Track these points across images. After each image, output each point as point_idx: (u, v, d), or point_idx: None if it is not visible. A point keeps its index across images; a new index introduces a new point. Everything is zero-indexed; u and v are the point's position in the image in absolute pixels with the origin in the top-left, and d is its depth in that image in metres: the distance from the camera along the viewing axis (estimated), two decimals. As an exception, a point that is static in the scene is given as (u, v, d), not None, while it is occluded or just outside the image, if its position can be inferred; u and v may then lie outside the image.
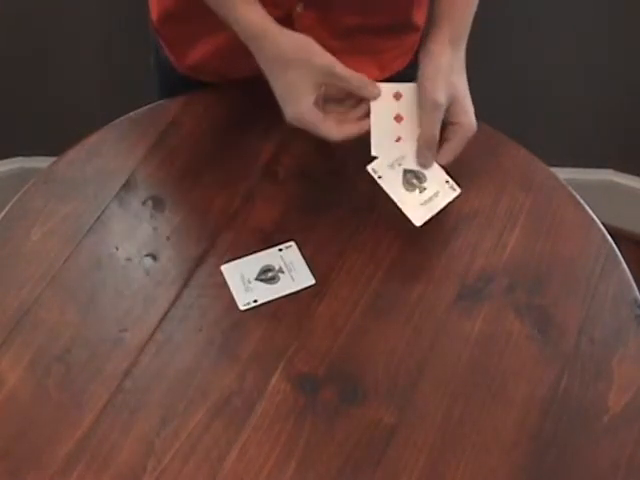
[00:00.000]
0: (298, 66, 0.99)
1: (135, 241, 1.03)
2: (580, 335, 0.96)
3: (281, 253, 1.01)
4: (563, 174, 1.14)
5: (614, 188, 2.01)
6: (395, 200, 1.01)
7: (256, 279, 0.99)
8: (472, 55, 1.07)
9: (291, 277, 0.99)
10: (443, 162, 1.02)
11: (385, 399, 0.91)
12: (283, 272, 1.00)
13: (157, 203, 1.06)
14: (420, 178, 1.02)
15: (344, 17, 1.10)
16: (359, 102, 1.02)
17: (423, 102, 1.00)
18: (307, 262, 1.00)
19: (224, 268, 1.00)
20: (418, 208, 1.01)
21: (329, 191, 1.07)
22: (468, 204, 1.06)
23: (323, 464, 0.86)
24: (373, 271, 1.00)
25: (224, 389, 0.91)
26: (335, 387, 0.91)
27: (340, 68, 0.99)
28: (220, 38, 1.09)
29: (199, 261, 1.01)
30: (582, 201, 1.08)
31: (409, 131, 1.02)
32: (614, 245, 1.04)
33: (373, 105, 1.02)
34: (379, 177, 1.01)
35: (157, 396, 0.91)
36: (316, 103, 1.00)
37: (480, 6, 1.08)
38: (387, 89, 1.02)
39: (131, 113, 1.16)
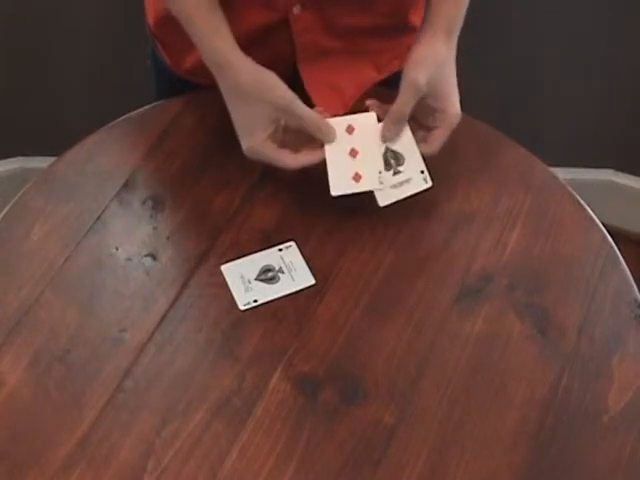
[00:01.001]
0: (256, 100, 1.00)
1: (135, 241, 1.03)
2: (580, 335, 0.96)
3: (281, 253, 1.01)
4: (563, 174, 1.14)
5: (614, 188, 2.01)
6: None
7: (256, 279, 0.99)
8: (472, 55, 1.08)
9: (291, 277, 0.99)
10: (431, 149, 1.03)
11: (385, 399, 0.91)
12: (283, 272, 1.00)
13: (157, 203, 1.06)
14: (399, 160, 1.02)
15: (341, 18, 1.10)
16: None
17: (403, 82, 1.01)
18: (307, 262, 1.00)
19: (224, 268, 1.00)
20: (386, 189, 1.02)
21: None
22: (468, 204, 1.06)
23: (323, 464, 0.86)
24: (373, 271, 1.00)
25: (224, 389, 0.91)
26: (335, 387, 0.91)
27: (297, 106, 1.00)
28: None
29: (199, 261, 1.01)
30: (582, 201, 1.08)
31: (366, 164, 1.02)
32: (614, 245, 1.04)
33: (327, 143, 1.02)
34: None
35: (157, 396, 0.91)
36: (273, 133, 1.00)
37: (480, 6, 1.08)
38: (339, 124, 1.02)
39: (131, 113, 1.16)
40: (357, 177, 1.01)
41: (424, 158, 1.03)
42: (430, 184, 1.03)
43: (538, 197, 1.08)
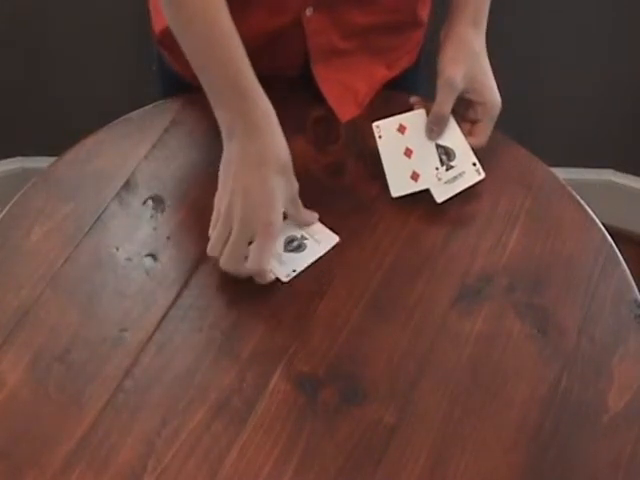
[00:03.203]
0: (289, 176, 0.98)
1: (135, 241, 1.03)
2: (580, 335, 0.96)
3: None
4: (563, 174, 1.14)
5: (614, 188, 2.02)
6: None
7: (285, 251, 1.00)
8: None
9: (315, 241, 1.00)
10: (479, 141, 1.04)
11: (385, 399, 0.91)
12: (307, 238, 1.01)
13: (157, 203, 1.06)
14: (450, 155, 1.03)
15: (353, 17, 1.10)
16: None
17: (440, 82, 1.02)
18: (323, 223, 1.02)
19: None
20: (441, 185, 1.02)
21: (329, 191, 1.07)
22: (468, 204, 1.06)
23: (323, 464, 0.86)
24: (373, 271, 1.01)
25: (224, 389, 0.91)
26: (335, 387, 0.91)
27: (298, 199, 0.99)
28: None
29: (199, 261, 1.01)
30: (582, 201, 1.08)
31: (421, 162, 1.02)
32: (614, 245, 1.04)
33: (381, 145, 1.02)
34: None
35: (157, 396, 0.91)
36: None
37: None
38: (389, 124, 1.02)
39: (131, 113, 1.16)
40: (415, 176, 1.02)
41: (473, 150, 1.03)
42: (483, 175, 1.04)
43: (538, 197, 1.08)
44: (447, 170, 1.03)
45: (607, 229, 1.06)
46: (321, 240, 1.01)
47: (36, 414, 0.89)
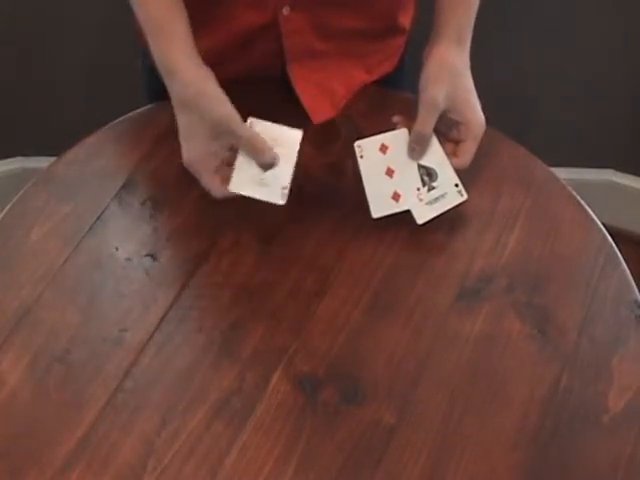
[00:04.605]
0: (196, 111, 0.98)
1: (135, 241, 1.03)
2: (580, 335, 0.96)
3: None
4: (563, 174, 1.14)
5: (614, 188, 2.02)
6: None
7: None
8: (472, 54, 1.07)
9: (282, 146, 0.99)
10: (462, 162, 1.02)
11: (385, 399, 0.91)
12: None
13: (157, 203, 1.06)
14: (432, 175, 1.02)
15: (331, 19, 1.10)
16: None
17: (421, 101, 1.00)
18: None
19: None
20: (422, 206, 1.01)
21: (329, 191, 1.07)
22: (468, 204, 1.06)
23: (323, 464, 0.86)
24: (373, 271, 1.01)
25: (224, 389, 0.91)
26: (335, 387, 0.91)
27: (235, 124, 0.98)
28: (205, 42, 1.08)
29: (199, 261, 1.01)
30: (582, 201, 1.08)
31: (403, 183, 1.02)
32: (614, 245, 1.04)
33: (362, 165, 1.01)
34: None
35: (157, 396, 0.91)
36: (214, 156, 0.99)
37: (481, 5, 1.08)
38: (371, 144, 1.01)
39: (131, 113, 1.16)
40: (396, 196, 1.01)
41: (456, 171, 1.02)
42: (466, 197, 1.02)
43: (538, 197, 1.08)
44: (429, 191, 1.02)
45: (607, 229, 1.05)
46: (284, 142, 0.99)
47: (36, 414, 0.89)
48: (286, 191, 0.99)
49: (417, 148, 1.01)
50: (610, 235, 1.05)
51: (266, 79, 1.04)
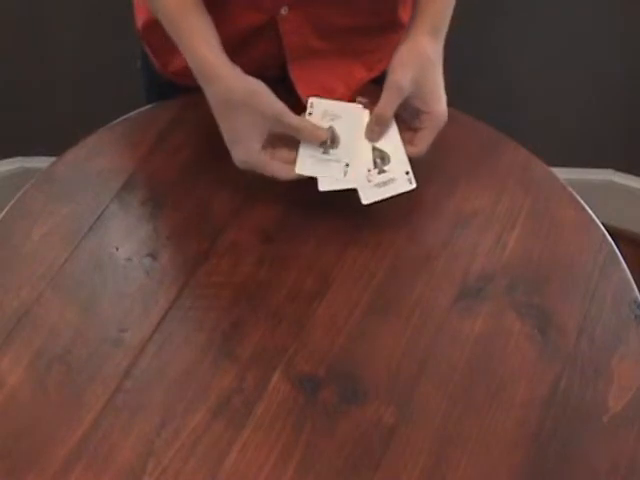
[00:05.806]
0: (247, 112, 0.98)
1: (135, 241, 1.03)
2: (580, 335, 0.96)
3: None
4: (563, 174, 1.14)
5: (614, 188, 2.02)
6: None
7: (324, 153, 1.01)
8: (472, 54, 1.07)
9: (344, 120, 1.00)
10: (417, 150, 1.02)
11: (385, 399, 0.91)
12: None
13: (157, 203, 1.06)
14: (384, 159, 1.02)
15: (329, 18, 1.10)
16: None
17: (387, 83, 1.01)
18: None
19: None
20: (370, 188, 1.01)
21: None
22: (468, 204, 1.06)
23: (323, 464, 0.86)
24: (373, 271, 1.00)
25: (224, 389, 0.91)
26: (335, 387, 0.91)
27: (289, 117, 0.99)
28: None
29: (199, 261, 1.01)
30: (582, 201, 1.08)
31: (355, 160, 1.01)
32: (614, 245, 1.04)
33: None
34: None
35: (157, 396, 0.91)
36: (266, 144, 1.00)
37: (481, 5, 1.08)
38: (326, 106, 1.02)
39: (131, 113, 1.16)
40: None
41: (410, 159, 1.02)
42: (414, 185, 1.02)
43: (538, 197, 1.08)
44: (379, 174, 1.02)
45: (607, 229, 1.05)
46: (345, 115, 1.01)
47: (36, 414, 0.89)
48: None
49: (376, 129, 1.02)
50: (610, 235, 1.05)
51: (266, 79, 1.04)
